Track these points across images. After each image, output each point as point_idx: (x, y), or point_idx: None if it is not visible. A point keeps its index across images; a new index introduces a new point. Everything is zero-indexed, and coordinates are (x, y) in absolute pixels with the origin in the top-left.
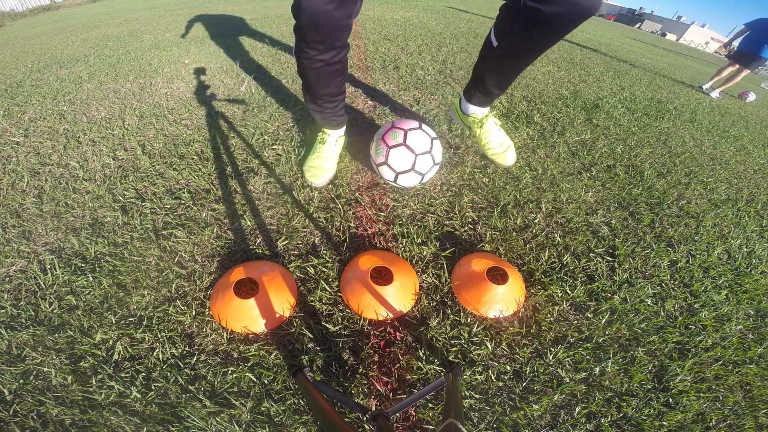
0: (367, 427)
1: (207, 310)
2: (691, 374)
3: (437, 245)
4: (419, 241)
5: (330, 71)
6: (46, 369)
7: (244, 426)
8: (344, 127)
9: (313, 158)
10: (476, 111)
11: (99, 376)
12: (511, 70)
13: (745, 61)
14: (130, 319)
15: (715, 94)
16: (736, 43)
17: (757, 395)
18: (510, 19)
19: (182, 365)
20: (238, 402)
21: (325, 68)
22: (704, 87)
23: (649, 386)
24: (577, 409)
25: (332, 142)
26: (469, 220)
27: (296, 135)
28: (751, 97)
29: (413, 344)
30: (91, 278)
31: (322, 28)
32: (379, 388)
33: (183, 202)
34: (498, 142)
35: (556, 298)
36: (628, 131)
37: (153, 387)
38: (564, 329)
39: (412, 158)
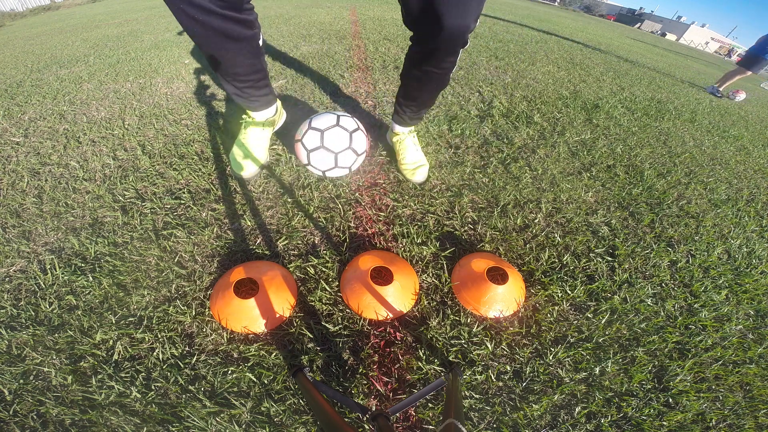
0: (367, 427)
1: (207, 310)
2: (691, 374)
3: (437, 245)
4: (419, 241)
5: (228, 48)
6: (46, 369)
7: (244, 426)
8: (275, 106)
9: (237, 148)
10: (397, 129)
11: (99, 376)
12: (412, 94)
13: (751, 65)
14: (130, 319)
15: (740, 97)
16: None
17: (757, 395)
18: (410, 47)
19: (182, 365)
20: (238, 402)
21: (223, 41)
22: (720, 89)
23: (649, 386)
24: (577, 409)
25: (257, 130)
26: (469, 220)
27: (296, 135)
28: (741, 96)
29: (413, 344)
30: (91, 278)
31: None
32: (379, 388)
33: (183, 202)
34: (411, 159)
35: (556, 298)
36: (628, 131)
37: (153, 387)
38: (564, 329)
39: (332, 157)
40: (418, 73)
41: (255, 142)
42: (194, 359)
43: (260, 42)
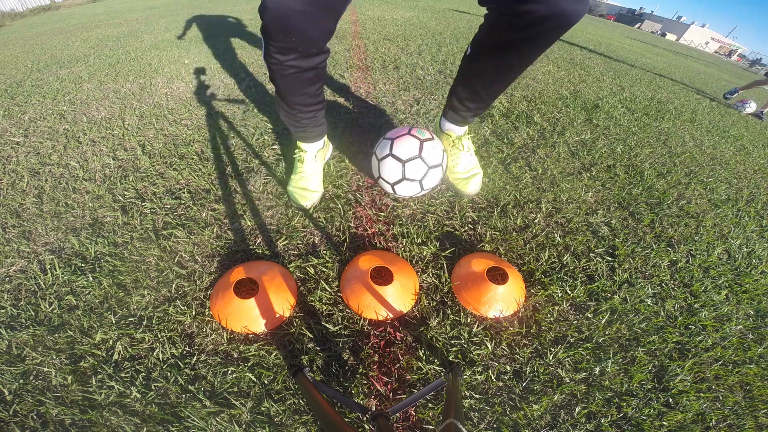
0: (367, 427)
1: (207, 310)
2: (691, 374)
3: (437, 245)
4: (419, 241)
5: (304, 79)
6: (46, 369)
7: (244, 426)
8: (324, 138)
9: (295, 180)
10: (451, 129)
11: (99, 376)
12: (482, 86)
13: None
14: (130, 319)
15: (749, 108)
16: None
17: (757, 395)
18: (491, 26)
19: (182, 365)
20: (238, 402)
21: (298, 75)
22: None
23: (649, 386)
24: (577, 409)
25: (311, 159)
26: (469, 220)
27: None
28: (750, 107)
29: (413, 344)
30: (91, 278)
31: (292, 29)
32: (379, 388)
33: (183, 202)
34: (464, 167)
35: (556, 298)
36: (628, 131)
37: (153, 387)
38: (564, 329)
39: (399, 167)
40: (502, 63)
41: (310, 174)
42: (194, 359)
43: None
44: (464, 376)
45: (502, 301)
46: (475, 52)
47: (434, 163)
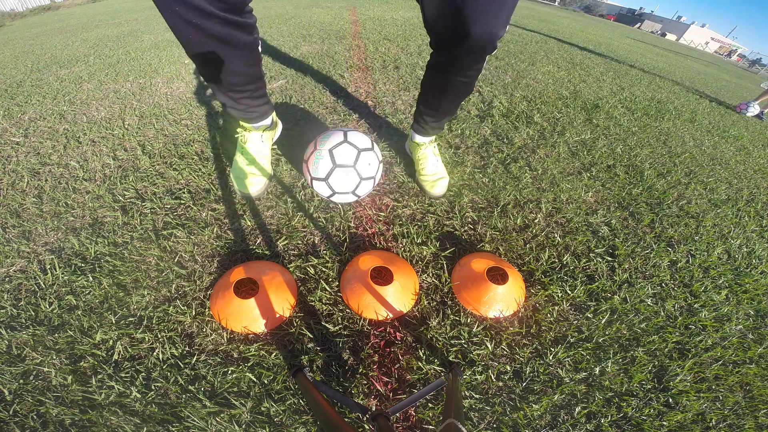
0: (367, 427)
1: (207, 310)
2: (691, 374)
3: (437, 245)
4: (419, 241)
5: (227, 55)
6: (46, 369)
7: (244, 426)
8: (271, 117)
9: (239, 162)
10: (417, 138)
11: (99, 376)
12: (434, 102)
13: None
14: (130, 319)
15: (753, 111)
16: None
17: (757, 395)
18: (432, 51)
19: (182, 365)
20: (238, 402)
21: (221, 47)
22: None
23: (649, 386)
24: (577, 409)
25: (256, 139)
26: (469, 220)
27: (296, 134)
28: (754, 110)
29: (413, 344)
30: (91, 278)
31: None
32: (379, 388)
33: (183, 202)
34: (430, 171)
35: (556, 298)
36: (628, 131)
37: (153, 387)
38: (564, 329)
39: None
40: (441, 81)
41: (257, 155)
42: (194, 359)
43: (259, 48)
44: (464, 376)
45: (502, 301)
46: (426, 71)
47: (368, 175)
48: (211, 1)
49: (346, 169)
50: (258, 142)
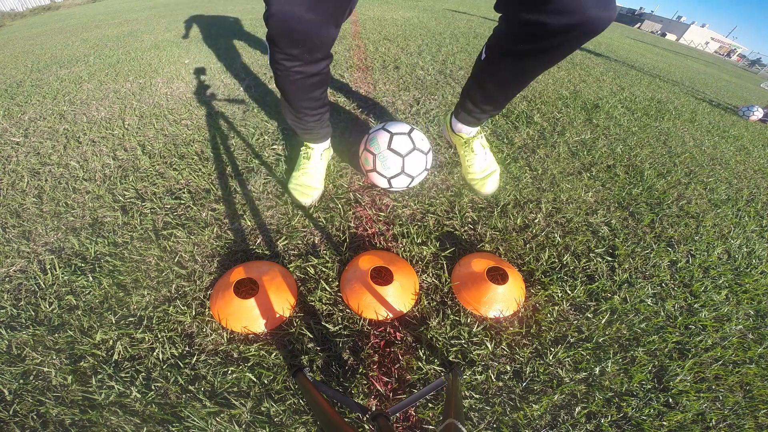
0: (367, 427)
1: (207, 310)
2: (691, 374)
3: (437, 245)
4: (419, 241)
5: (310, 83)
6: (46, 369)
7: (244, 426)
8: (329, 140)
9: (298, 176)
10: (463, 129)
11: (99, 376)
12: (498, 90)
13: None
14: (130, 319)
15: (757, 114)
16: None
17: (757, 395)
18: (505, 33)
19: (182, 365)
20: (238, 402)
21: (304, 80)
22: None
23: (649, 386)
24: (577, 409)
25: (317, 156)
26: (469, 220)
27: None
28: (758, 113)
29: (413, 344)
30: (91, 278)
31: (297, 36)
32: (379, 388)
33: (183, 202)
34: (480, 167)
35: (556, 298)
36: (628, 131)
37: (153, 387)
38: (564, 329)
39: (400, 161)
40: (522, 68)
41: (315, 170)
42: (194, 359)
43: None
44: (464, 376)
45: (502, 301)
46: (490, 55)
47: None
48: (293, 62)
49: (412, 153)
50: (317, 159)
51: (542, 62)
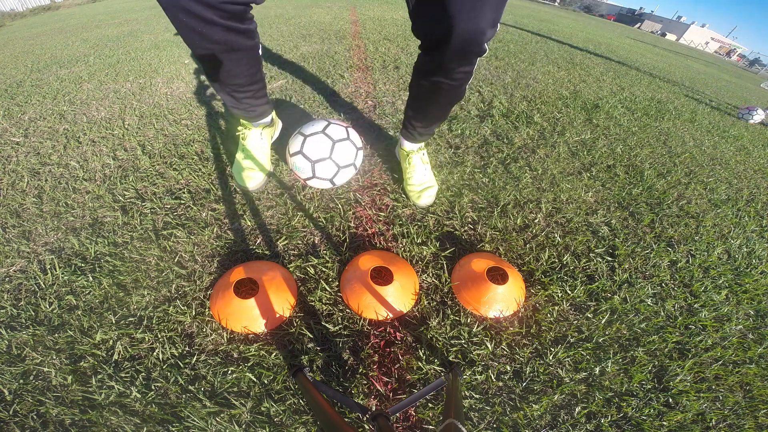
0: (367, 427)
1: (207, 310)
2: (691, 374)
3: (437, 245)
4: (419, 241)
5: (230, 58)
6: (46, 369)
7: (244, 426)
8: (271, 115)
9: (239, 158)
10: (404, 144)
11: (99, 376)
12: (421, 108)
13: None
14: (130, 319)
15: (757, 117)
16: None
17: (757, 395)
18: (420, 54)
19: (182, 365)
20: (238, 402)
21: (224, 52)
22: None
23: (649, 386)
24: (577, 409)
25: (256, 136)
26: (469, 220)
27: None
28: (759, 115)
29: (413, 344)
30: (91, 278)
31: None
32: (379, 388)
33: (183, 202)
34: (418, 180)
35: (556, 298)
36: (628, 131)
37: (153, 387)
38: (564, 329)
39: (310, 166)
40: (428, 84)
41: (256, 151)
42: (194, 359)
43: (260, 51)
44: (464, 376)
45: (502, 301)
46: (412, 74)
47: (345, 163)
48: (214, 10)
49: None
50: (257, 139)
51: (447, 79)
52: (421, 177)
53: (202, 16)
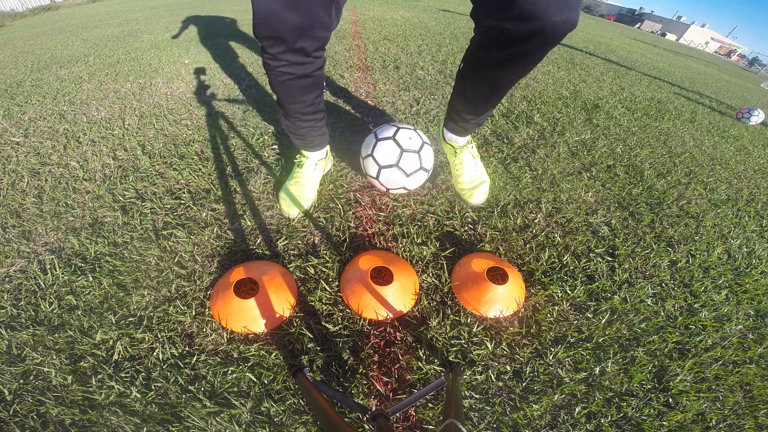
0: (367, 427)
1: (207, 310)
2: (691, 374)
3: (437, 245)
4: (419, 241)
5: (299, 86)
6: (46, 369)
7: (244, 426)
8: (326, 149)
9: (290, 184)
10: (452, 139)
11: (99, 376)
12: (478, 98)
13: None
14: (130, 319)
15: (757, 118)
16: None
17: (757, 395)
18: (477, 42)
19: (182, 365)
20: (238, 402)
21: (293, 82)
22: None
23: (649, 386)
24: (577, 409)
25: (311, 166)
26: (469, 220)
27: None
28: (758, 116)
29: (413, 344)
30: (91, 278)
31: (278, 35)
32: (379, 388)
33: (183, 202)
34: (469, 177)
35: (556, 298)
36: (628, 131)
37: (153, 387)
38: (564, 329)
39: (398, 152)
40: (495, 77)
41: (308, 181)
42: (194, 359)
43: (323, 82)
44: (464, 376)
45: (502, 301)
46: (466, 67)
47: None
48: (279, 60)
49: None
50: (311, 169)
51: (513, 70)
52: (472, 173)
53: (297, 26)
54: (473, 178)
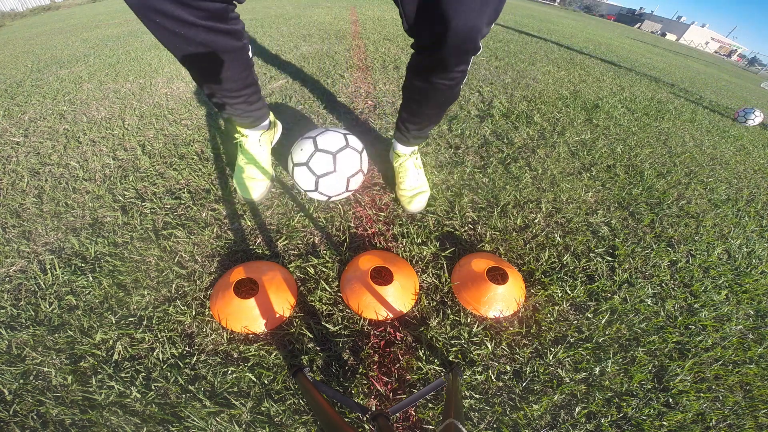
0: (367, 427)
1: (207, 310)
2: (691, 374)
3: (437, 245)
4: (419, 241)
5: (216, 62)
6: (46, 369)
7: (244, 426)
8: (268, 120)
9: (239, 169)
10: (398, 148)
11: (99, 376)
12: (416, 110)
13: None
14: (130, 319)
15: (756, 119)
16: None
17: (757, 395)
18: (413, 53)
19: (182, 365)
20: (238, 402)
21: (209, 55)
22: None
23: (649, 386)
24: (577, 409)
25: (254, 142)
26: (469, 220)
27: (296, 134)
28: (757, 117)
29: (413, 344)
30: (91, 278)
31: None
32: (379, 388)
33: (183, 202)
34: (410, 185)
35: (556, 298)
36: (628, 131)
37: (153, 387)
38: (564, 329)
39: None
40: (423, 85)
41: (256, 158)
42: (194, 359)
43: (250, 53)
44: (464, 376)
45: (502, 301)
46: (406, 74)
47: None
48: (189, 9)
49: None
50: (256, 146)
51: (437, 85)
52: (413, 182)
53: (177, 16)
54: (413, 187)
